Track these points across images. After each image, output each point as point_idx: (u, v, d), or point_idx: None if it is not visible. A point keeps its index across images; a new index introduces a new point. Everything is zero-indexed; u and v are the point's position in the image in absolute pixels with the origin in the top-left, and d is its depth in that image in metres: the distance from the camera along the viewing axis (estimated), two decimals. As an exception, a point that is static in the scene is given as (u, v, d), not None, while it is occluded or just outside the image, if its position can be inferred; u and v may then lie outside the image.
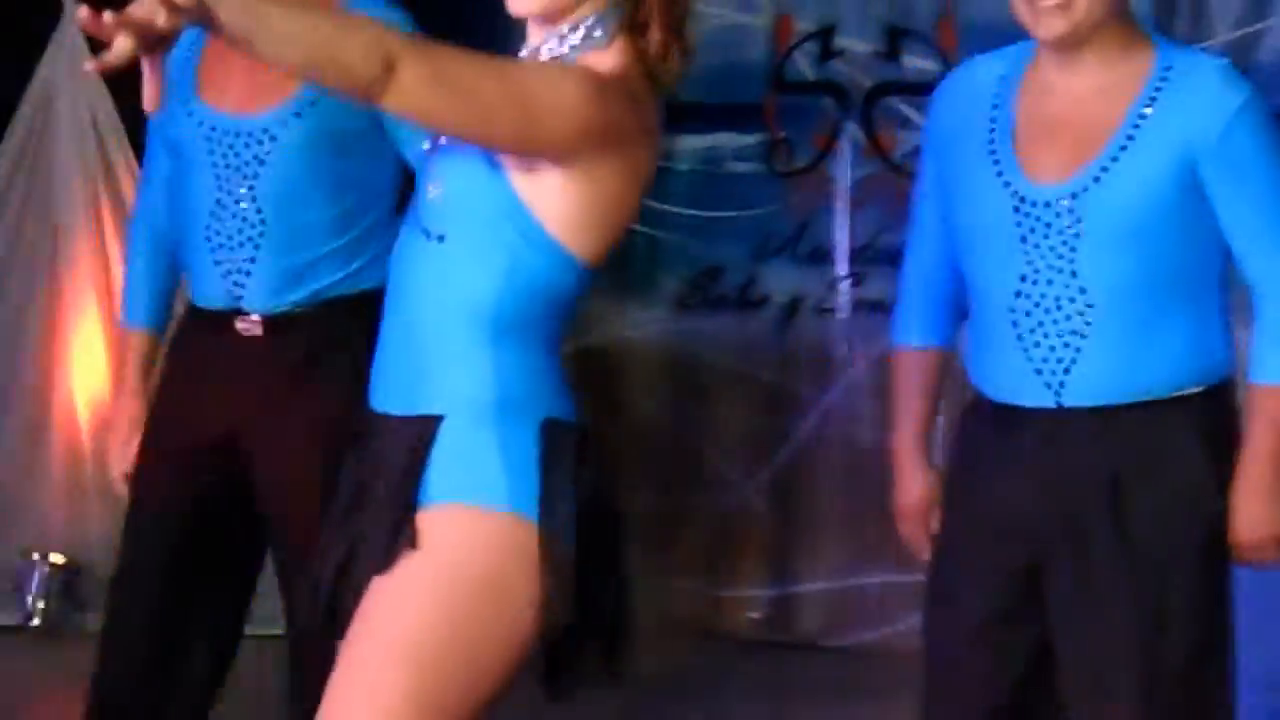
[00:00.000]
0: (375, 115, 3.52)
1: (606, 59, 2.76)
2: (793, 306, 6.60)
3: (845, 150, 6.54)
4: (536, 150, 2.70)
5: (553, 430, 2.75)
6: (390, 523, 2.74)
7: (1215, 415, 3.42)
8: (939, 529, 3.60)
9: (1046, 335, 3.36)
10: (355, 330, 3.14)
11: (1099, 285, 3.33)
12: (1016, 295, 3.38)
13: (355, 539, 2.79)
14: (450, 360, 2.75)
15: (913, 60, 6.46)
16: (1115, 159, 3.32)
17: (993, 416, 3.46)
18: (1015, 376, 3.40)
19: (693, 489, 6.69)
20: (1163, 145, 3.31)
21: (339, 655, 2.78)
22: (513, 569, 2.71)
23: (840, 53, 6.52)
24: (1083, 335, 3.34)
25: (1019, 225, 3.37)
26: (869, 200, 6.52)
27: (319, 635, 2.88)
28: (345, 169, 3.81)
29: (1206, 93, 3.33)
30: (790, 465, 6.59)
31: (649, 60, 2.78)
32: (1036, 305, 3.36)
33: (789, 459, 6.59)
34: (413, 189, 2.91)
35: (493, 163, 2.73)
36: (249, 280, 3.79)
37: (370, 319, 2.95)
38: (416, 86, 2.60)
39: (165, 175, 3.94)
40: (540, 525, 2.71)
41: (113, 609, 3.98)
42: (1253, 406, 3.40)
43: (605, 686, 2.84)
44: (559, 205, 2.73)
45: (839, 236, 6.56)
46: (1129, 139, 3.33)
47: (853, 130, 6.53)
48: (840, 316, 6.57)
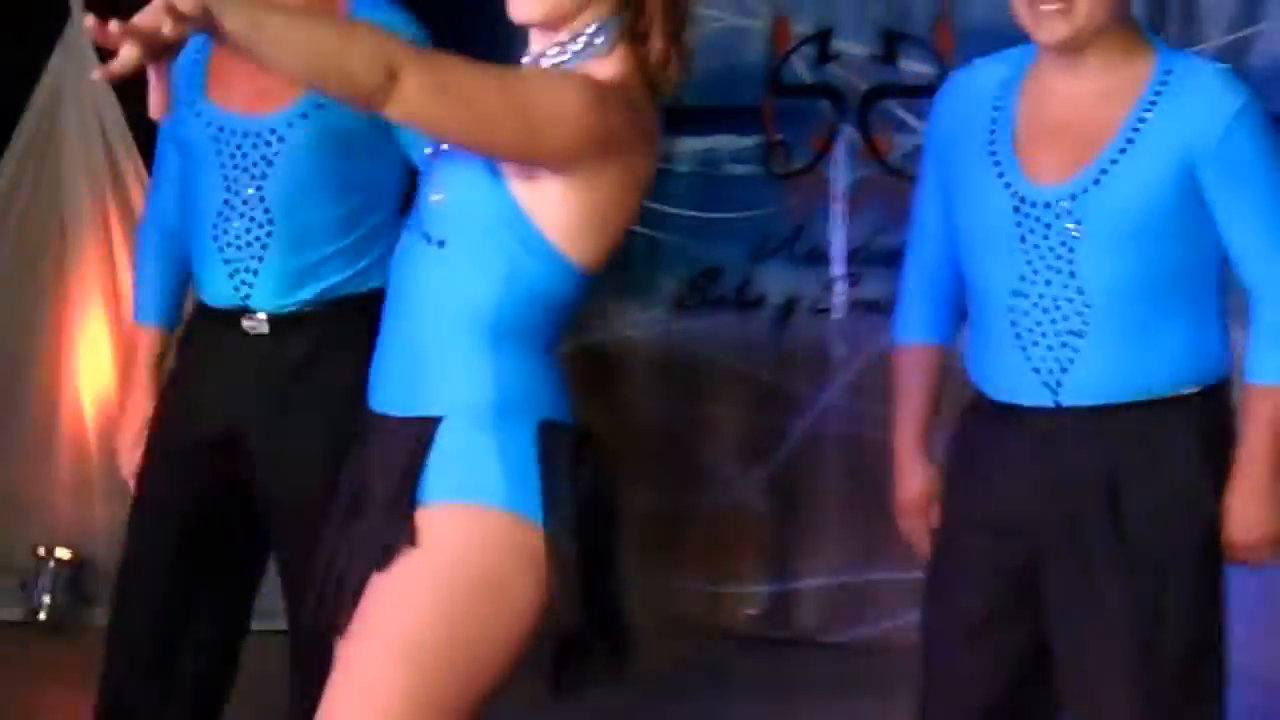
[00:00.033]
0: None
1: (607, 67, 2.77)
2: (789, 306, 6.58)
3: (842, 153, 6.51)
4: (537, 158, 2.70)
5: (550, 431, 2.75)
6: (389, 522, 2.74)
7: (1212, 415, 3.42)
8: (938, 526, 3.59)
9: (1045, 335, 3.36)
10: (361, 329, 3.14)
11: (1097, 286, 3.33)
12: (1015, 295, 3.38)
13: (355, 538, 2.80)
14: (449, 363, 2.76)
15: (909, 64, 6.44)
16: (1115, 161, 3.32)
17: (992, 415, 3.46)
18: (1014, 376, 3.41)
19: (691, 486, 6.67)
20: (1162, 148, 3.31)
21: (338, 653, 2.79)
22: (511, 568, 2.71)
23: (837, 56, 6.50)
24: (1081, 335, 3.34)
25: (1019, 226, 3.37)
26: (865, 202, 6.50)
27: (320, 633, 2.88)
28: (352, 170, 3.81)
29: (1206, 97, 3.33)
30: (787, 463, 6.57)
31: (649, 68, 2.79)
32: (1035, 305, 3.36)
33: (786, 457, 6.57)
34: (418, 190, 2.90)
35: (493, 170, 2.73)
36: (256, 279, 3.80)
37: (376, 318, 2.95)
38: (418, 95, 2.60)
39: (175, 175, 3.94)
40: (545, 526, 2.71)
41: (117, 607, 3.98)
42: (1248, 407, 3.40)
43: (608, 685, 2.85)
44: (559, 213, 2.73)
45: (835, 238, 6.53)
46: (1129, 142, 3.33)
47: (849, 133, 6.50)
48: (836, 316, 6.54)
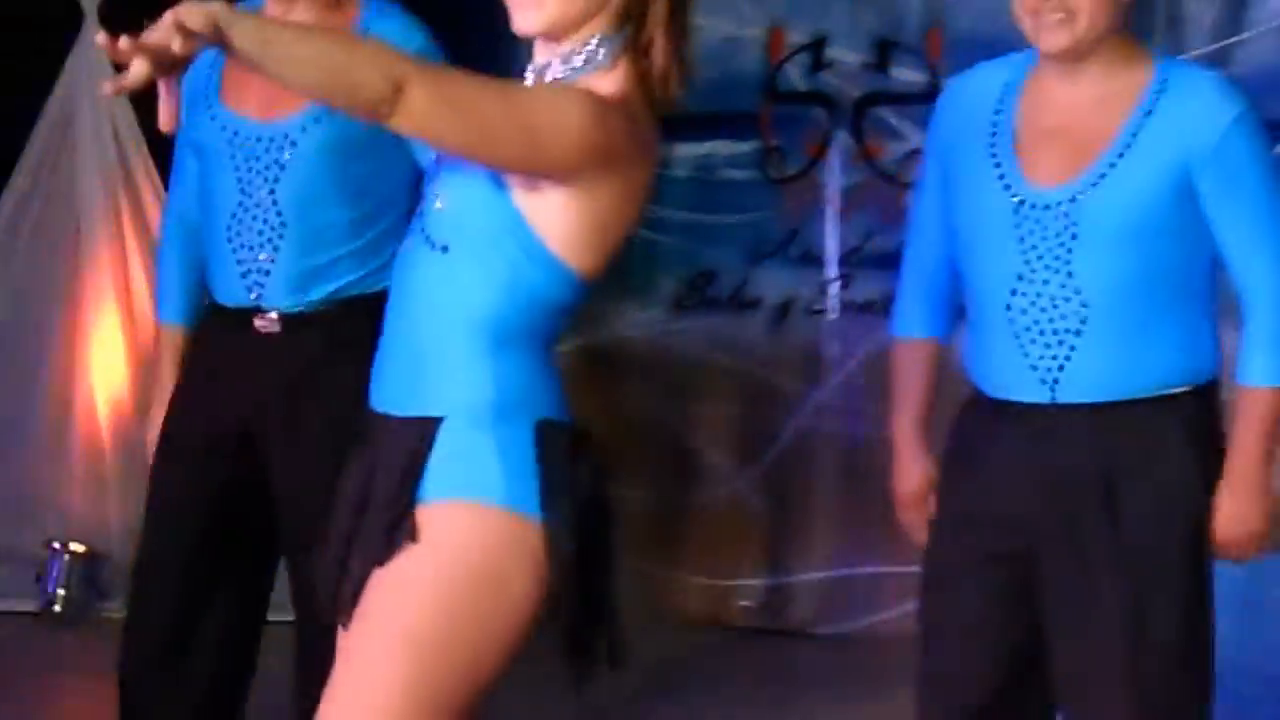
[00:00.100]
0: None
1: (608, 81, 2.76)
2: (785, 308, 6.58)
3: (836, 158, 6.50)
4: (540, 170, 2.69)
5: (548, 431, 2.75)
6: (390, 519, 2.74)
7: (1203, 414, 3.42)
8: (934, 521, 3.58)
9: (1042, 333, 3.36)
10: (371, 330, 3.15)
11: (1094, 285, 3.33)
12: (1013, 294, 3.38)
13: (358, 535, 2.79)
14: (450, 365, 2.75)
15: (901, 71, 6.43)
16: (1113, 165, 3.33)
17: (989, 412, 3.46)
18: (1011, 373, 3.40)
19: (688, 483, 6.66)
20: (1159, 153, 3.31)
21: (340, 646, 2.79)
22: (510, 563, 2.71)
23: (831, 64, 6.49)
24: (1077, 334, 3.34)
25: (1017, 226, 3.37)
26: (858, 206, 6.49)
27: (325, 627, 2.88)
28: (362, 173, 3.82)
29: (1203, 104, 3.33)
30: (782, 460, 6.56)
31: (650, 82, 2.78)
32: (1033, 304, 3.36)
33: (781, 454, 6.57)
34: (422, 195, 2.89)
35: (497, 180, 2.72)
36: (268, 279, 3.81)
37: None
38: (424, 109, 2.59)
39: (193, 178, 3.94)
40: (543, 522, 2.71)
41: (134, 604, 3.98)
42: (1239, 407, 3.39)
43: (604, 677, 2.85)
44: (560, 222, 2.73)
45: (829, 241, 6.52)
46: (1126, 146, 3.33)
47: (843, 139, 6.50)
48: (830, 317, 6.53)
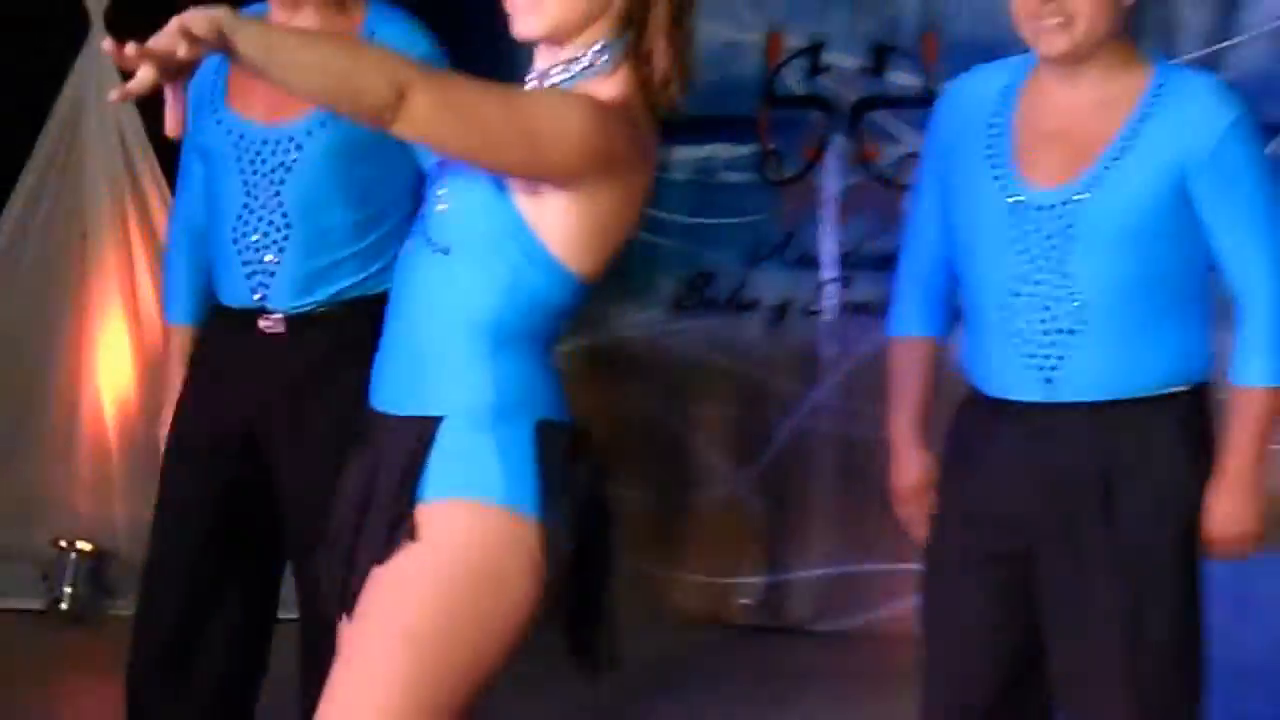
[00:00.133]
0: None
1: (609, 86, 2.76)
2: (782, 309, 6.58)
3: (833, 161, 6.50)
4: (541, 175, 2.70)
5: (547, 430, 2.76)
6: (391, 518, 2.74)
7: (1196, 414, 3.42)
8: (934, 519, 3.58)
9: (1039, 333, 3.36)
10: (373, 330, 3.16)
11: (1090, 286, 3.33)
12: (1011, 294, 3.38)
13: (359, 534, 2.79)
14: (450, 366, 2.76)
15: (897, 76, 6.43)
16: (1109, 168, 3.33)
17: (987, 411, 3.46)
18: (1008, 372, 3.40)
19: (687, 482, 6.66)
20: (1155, 157, 3.32)
21: (341, 643, 2.79)
22: (508, 562, 2.71)
23: (828, 69, 6.49)
24: (1074, 333, 3.34)
25: (1014, 227, 3.37)
26: (855, 209, 6.49)
27: (329, 625, 2.88)
28: (366, 177, 3.82)
29: (1200, 109, 3.34)
30: (780, 459, 6.56)
31: (651, 88, 2.78)
32: (1030, 304, 3.36)
33: (779, 453, 6.57)
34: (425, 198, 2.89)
35: (499, 184, 2.73)
36: (273, 281, 3.82)
37: (388, 320, 2.93)
38: (427, 114, 2.60)
39: (200, 181, 3.95)
40: (542, 521, 2.72)
41: (143, 606, 3.98)
42: (1235, 407, 3.39)
43: (601, 673, 2.86)
44: (560, 226, 2.73)
45: (826, 243, 6.52)
46: (1124, 149, 3.33)
47: (840, 142, 6.50)
48: (827, 319, 6.53)
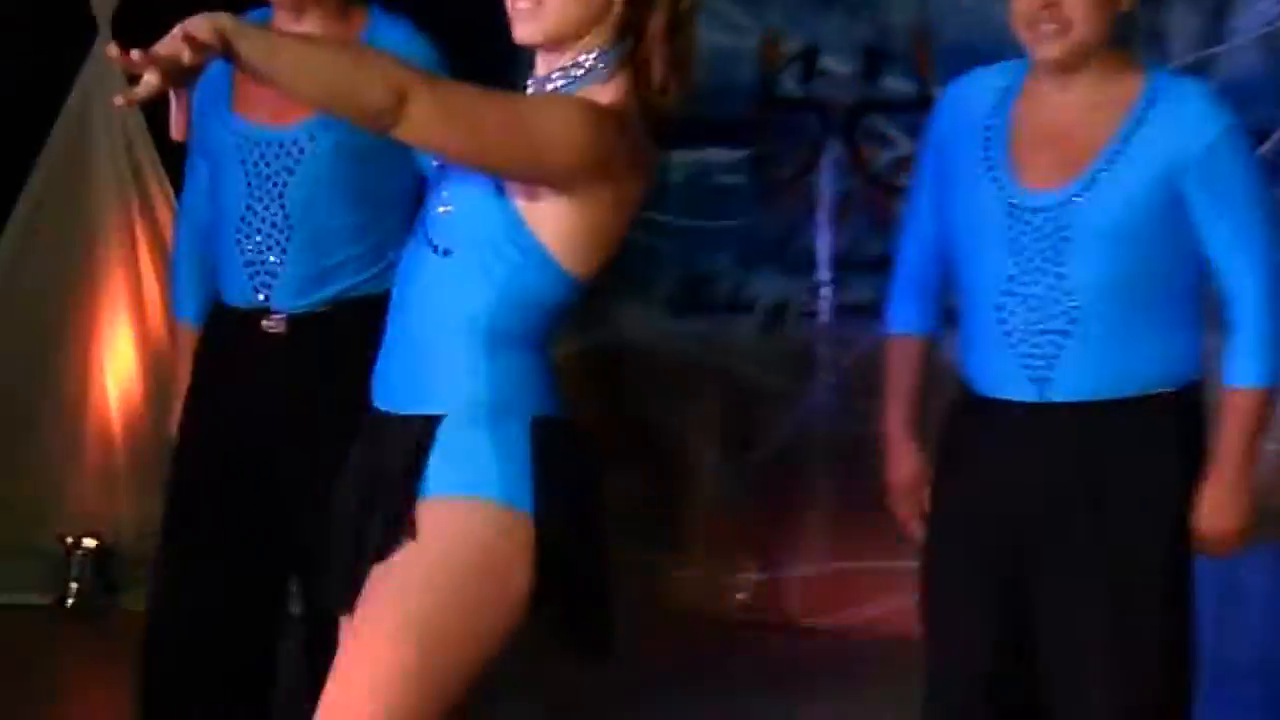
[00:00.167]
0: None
1: (607, 92, 2.78)
2: (778, 310, 6.60)
3: (828, 165, 6.51)
4: (539, 178, 2.71)
5: (543, 427, 2.77)
6: (392, 514, 2.76)
7: (1187, 414, 3.43)
8: (929, 518, 3.59)
9: (1033, 333, 3.38)
10: (374, 330, 3.20)
11: (1083, 287, 3.35)
12: (1005, 294, 3.39)
13: (360, 531, 2.81)
14: (450, 365, 2.77)
15: (891, 80, 6.44)
16: (1103, 171, 3.35)
17: (980, 409, 3.47)
18: (1002, 371, 3.42)
19: (685, 481, 6.68)
20: (1148, 161, 3.34)
21: (342, 637, 2.82)
22: (505, 557, 2.73)
23: (823, 73, 6.50)
24: (1067, 334, 3.36)
25: (1009, 228, 3.39)
26: (850, 211, 6.50)
27: (333, 621, 2.89)
28: (368, 179, 3.84)
29: (1192, 115, 3.36)
30: (776, 458, 6.57)
31: (648, 94, 2.79)
32: (1024, 304, 3.38)
33: (775, 452, 6.57)
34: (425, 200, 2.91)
35: (499, 187, 2.74)
36: (275, 281, 3.83)
37: (389, 320, 2.94)
38: (426, 119, 2.62)
39: (205, 182, 3.96)
40: (537, 517, 2.73)
41: (156, 607, 4.00)
42: (1225, 408, 3.41)
43: (600, 668, 2.89)
44: (559, 227, 2.74)
45: (821, 245, 6.54)
46: (1118, 154, 3.35)
47: (835, 146, 6.51)
48: (822, 320, 6.56)
